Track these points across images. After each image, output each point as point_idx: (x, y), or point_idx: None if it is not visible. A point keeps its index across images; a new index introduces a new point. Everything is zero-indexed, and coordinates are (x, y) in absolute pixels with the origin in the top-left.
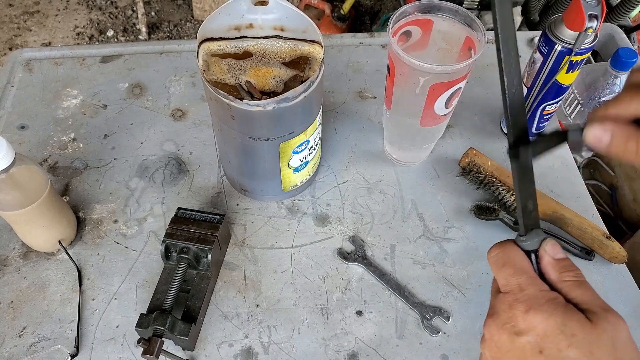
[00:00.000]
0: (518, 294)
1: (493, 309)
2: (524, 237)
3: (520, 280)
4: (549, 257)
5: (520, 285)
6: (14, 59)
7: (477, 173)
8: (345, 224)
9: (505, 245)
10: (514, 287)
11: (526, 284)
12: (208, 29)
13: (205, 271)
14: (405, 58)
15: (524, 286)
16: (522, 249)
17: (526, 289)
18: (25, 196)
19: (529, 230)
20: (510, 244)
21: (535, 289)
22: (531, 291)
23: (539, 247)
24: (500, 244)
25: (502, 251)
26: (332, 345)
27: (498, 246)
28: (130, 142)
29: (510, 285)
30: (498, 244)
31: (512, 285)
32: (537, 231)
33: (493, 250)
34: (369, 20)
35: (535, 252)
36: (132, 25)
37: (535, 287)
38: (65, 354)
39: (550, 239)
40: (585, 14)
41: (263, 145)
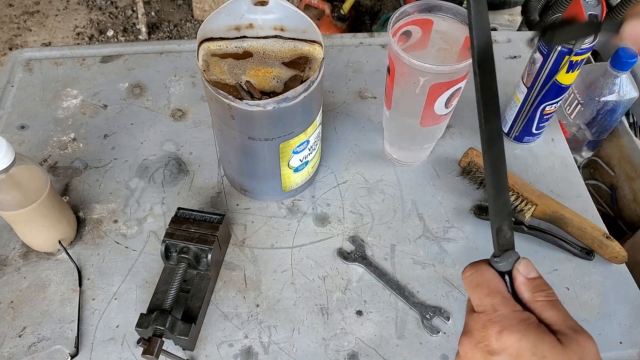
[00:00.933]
0: (492, 314)
1: (467, 327)
2: (498, 258)
3: (494, 300)
4: (522, 276)
5: (494, 306)
6: (14, 59)
7: (477, 173)
8: (345, 224)
9: (480, 265)
10: (488, 307)
11: (500, 305)
12: (208, 29)
13: (205, 271)
14: (405, 58)
15: (498, 307)
16: (496, 270)
17: (499, 309)
18: (25, 196)
19: (504, 251)
20: (485, 265)
21: (508, 309)
22: (504, 312)
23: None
24: (475, 264)
25: (476, 271)
26: (332, 345)
27: (472, 266)
28: (130, 142)
29: (484, 305)
30: (472, 264)
31: (486, 306)
32: (512, 252)
33: (467, 270)
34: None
35: (510, 272)
36: (132, 25)
37: (509, 307)
38: (65, 354)
39: (524, 259)
40: (585, 14)
41: (263, 145)
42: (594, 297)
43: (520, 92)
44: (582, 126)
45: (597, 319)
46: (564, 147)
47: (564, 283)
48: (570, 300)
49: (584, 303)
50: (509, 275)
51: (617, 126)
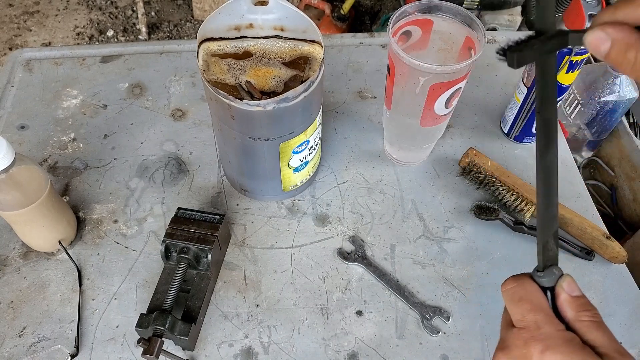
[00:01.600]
0: (535, 331)
1: (505, 343)
2: (542, 272)
3: (538, 317)
4: (566, 294)
5: (537, 323)
6: (14, 59)
7: (477, 173)
8: (345, 224)
9: (522, 279)
10: (531, 323)
11: (543, 322)
12: (208, 29)
13: (205, 271)
14: (405, 58)
15: (541, 324)
16: (539, 285)
17: (543, 327)
18: (25, 196)
19: (548, 266)
20: (527, 279)
21: (552, 328)
22: (548, 330)
23: (556, 284)
24: (517, 277)
25: (518, 285)
26: (332, 345)
27: (514, 279)
28: (130, 142)
29: (527, 321)
30: (514, 278)
31: (529, 322)
32: (555, 267)
33: (509, 283)
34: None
35: (552, 289)
36: (132, 25)
37: (553, 326)
38: (65, 354)
39: (568, 276)
40: (585, 14)
41: (263, 145)
42: (594, 297)
43: (520, 92)
44: (582, 126)
45: None
46: (564, 147)
47: None
48: None
49: None
50: (550, 291)
51: (617, 126)
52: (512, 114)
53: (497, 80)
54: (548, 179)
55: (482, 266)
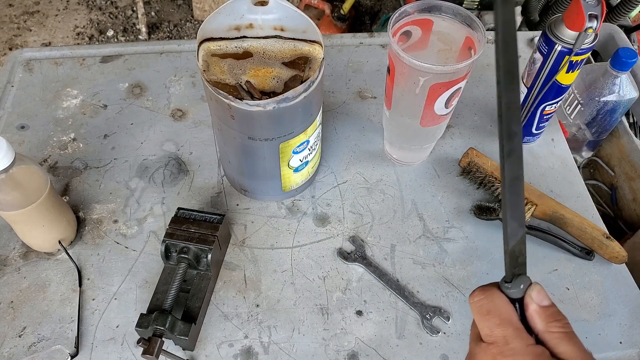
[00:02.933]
0: (503, 346)
1: (474, 357)
2: (510, 283)
3: (507, 332)
4: (535, 304)
5: (505, 338)
6: (14, 59)
7: (477, 173)
8: (345, 224)
9: (490, 291)
10: (499, 338)
11: (512, 337)
12: (208, 29)
13: (205, 271)
14: (405, 58)
15: (510, 339)
16: (507, 296)
17: (512, 342)
18: (25, 196)
19: (516, 276)
20: (495, 291)
21: (521, 343)
22: (517, 345)
23: (525, 294)
24: (484, 288)
25: (486, 297)
26: (332, 345)
27: (482, 291)
28: (130, 142)
29: (495, 336)
30: (481, 289)
31: (497, 337)
32: (524, 277)
33: (476, 294)
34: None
35: (520, 300)
36: (132, 25)
37: (522, 341)
38: (65, 354)
39: (536, 284)
40: (585, 14)
41: (263, 145)
42: (594, 297)
43: (520, 92)
44: (582, 126)
45: (597, 319)
46: (564, 147)
47: (564, 283)
48: (570, 300)
49: (584, 303)
50: (519, 302)
51: (617, 126)
52: None
53: None
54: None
55: (482, 266)
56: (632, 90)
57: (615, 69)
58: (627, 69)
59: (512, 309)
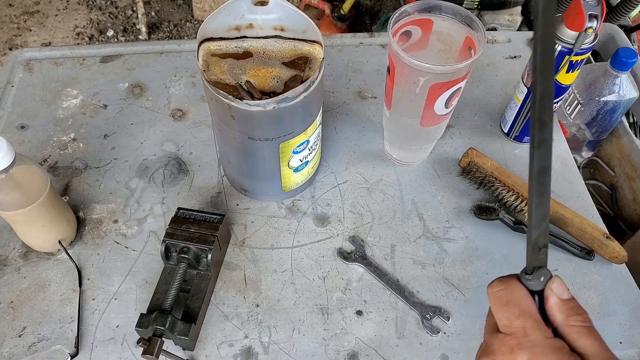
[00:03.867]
0: (522, 338)
1: (490, 348)
2: (530, 275)
3: (526, 323)
4: (555, 297)
5: (524, 329)
6: (14, 59)
7: (477, 173)
8: (345, 224)
9: (510, 282)
10: (518, 330)
11: (531, 329)
12: (208, 29)
13: (205, 271)
14: (405, 58)
15: (529, 331)
16: (527, 288)
17: (531, 334)
18: (25, 196)
19: (536, 268)
20: (515, 282)
21: (540, 334)
22: (536, 337)
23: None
24: (504, 279)
25: (505, 288)
26: (332, 345)
27: (501, 282)
28: (130, 142)
29: (514, 327)
30: (501, 280)
31: (516, 328)
32: (544, 270)
33: (495, 284)
34: (369, 20)
35: (540, 292)
36: (132, 25)
37: (541, 332)
38: (65, 354)
39: (557, 277)
40: (585, 14)
41: (263, 145)
42: (594, 297)
43: (520, 92)
44: (582, 126)
45: (597, 319)
46: (564, 147)
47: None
48: None
49: (584, 303)
50: (538, 295)
51: (617, 126)
52: (512, 114)
53: (497, 80)
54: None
55: (482, 266)
56: (632, 90)
57: (615, 69)
58: (627, 69)
59: (532, 300)
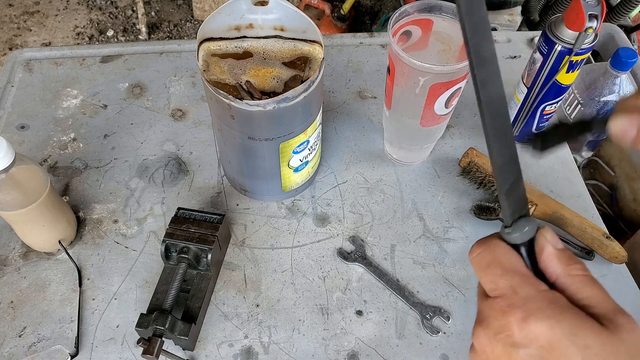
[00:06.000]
0: (511, 297)
1: (482, 315)
2: (510, 227)
3: (513, 281)
4: (551, 247)
5: (512, 287)
6: (14, 59)
7: (477, 173)
8: (345, 224)
9: (489, 242)
10: (505, 289)
11: (520, 285)
12: (208, 29)
13: (205, 271)
14: (405, 58)
15: (518, 287)
16: (509, 243)
17: (521, 290)
18: (25, 196)
19: (516, 218)
20: (494, 240)
21: (532, 289)
22: (527, 293)
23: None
24: (482, 240)
25: (485, 249)
26: (332, 345)
27: (480, 243)
28: (130, 142)
29: (501, 288)
30: (480, 242)
31: (503, 288)
32: (528, 219)
33: (474, 248)
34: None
35: (525, 245)
36: (132, 25)
37: (532, 287)
38: (65, 354)
39: (546, 226)
40: (585, 14)
41: (263, 145)
42: None
43: (520, 92)
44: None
45: None
46: (564, 147)
47: None
48: None
49: None
50: (525, 248)
51: None
52: (512, 114)
53: None
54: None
55: None
56: (632, 90)
57: (615, 69)
58: (627, 69)
59: (516, 255)
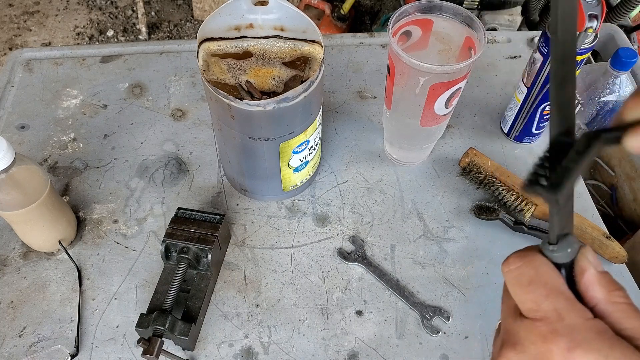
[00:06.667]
0: (555, 323)
1: (514, 338)
2: (556, 245)
3: (558, 304)
4: (593, 269)
5: (557, 312)
6: (14, 59)
7: (477, 173)
8: (345, 224)
9: (531, 256)
10: (549, 313)
11: (566, 310)
12: (208, 29)
13: (205, 271)
14: (405, 58)
15: (564, 313)
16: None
17: (566, 317)
18: (25, 196)
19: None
20: (537, 255)
21: (578, 317)
22: (573, 320)
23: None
24: (522, 253)
25: (526, 264)
26: (332, 345)
27: (519, 257)
28: (130, 142)
29: (543, 310)
30: (519, 254)
31: (546, 311)
32: (571, 238)
33: (512, 261)
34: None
35: (565, 265)
36: (132, 25)
37: (578, 314)
38: (65, 354)
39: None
40: (585, 14)
41: (263, 145)
42: None
43: (520, 92)
44: (582, 126)
45: None
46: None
47: None
48: None
49: None
50: (565, 269)
51: None
52: (512, 114)
53: (497, 80)
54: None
55: (482, 266)
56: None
57: (615, 69)
58: (627, 69)
59: (560, 276)
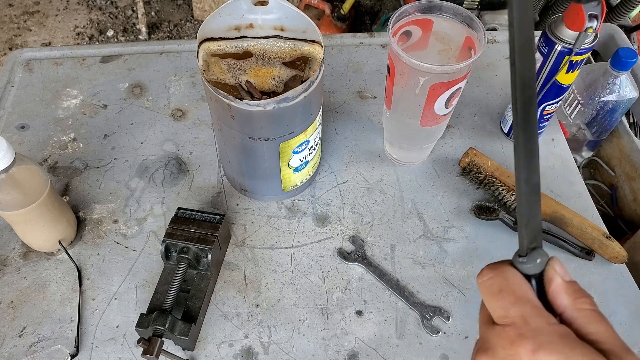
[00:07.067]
0: (522, 327)
1: (487, 343)
2: (525, 257)
3: (525, 310)
4: (560, 278)
5: (524, 317)
6: (14, 59)
7: (477, 173)
8: (345, 224)
9: (501, 267)
10: (516, 318)
11: (531, 316)
12: (208, 29)
13: (205, 271)
14: (405, 58)
15: (529, 318)
16: (522, 273)
17: (532, 321)
18: (25, 196)
19: (531, 249)
20: (507, 267)
21: (543, 321)
22: (538, 324)
23: (546, 267)
24: (494, 266)
25: (497, 275)
26: (332, 345)
27: (491, 269)
28: (130, 142)
29: (511, 316)
30: (491, 266)
31: (514, 317)
32: (540, 251)
33: (485, 272)
34: (369, 20)
35: (536, 276)
36: (132, 25)
37: (543, 319)
38: (65, 354)
39: (556, 258)
40: (585, 14)
41: (263, 145)
42: (594, 297)
43: None
44: (582, 126)
45: None
46: (564, 147)
47: None
48: None
49: None
50: (536, 279)
51: (617, 126)
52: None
53: (497, 80)
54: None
55: (482, 266)
56: (632, 90)
57: (615, 69)
58: (627, 69)
59: (529, 286)
